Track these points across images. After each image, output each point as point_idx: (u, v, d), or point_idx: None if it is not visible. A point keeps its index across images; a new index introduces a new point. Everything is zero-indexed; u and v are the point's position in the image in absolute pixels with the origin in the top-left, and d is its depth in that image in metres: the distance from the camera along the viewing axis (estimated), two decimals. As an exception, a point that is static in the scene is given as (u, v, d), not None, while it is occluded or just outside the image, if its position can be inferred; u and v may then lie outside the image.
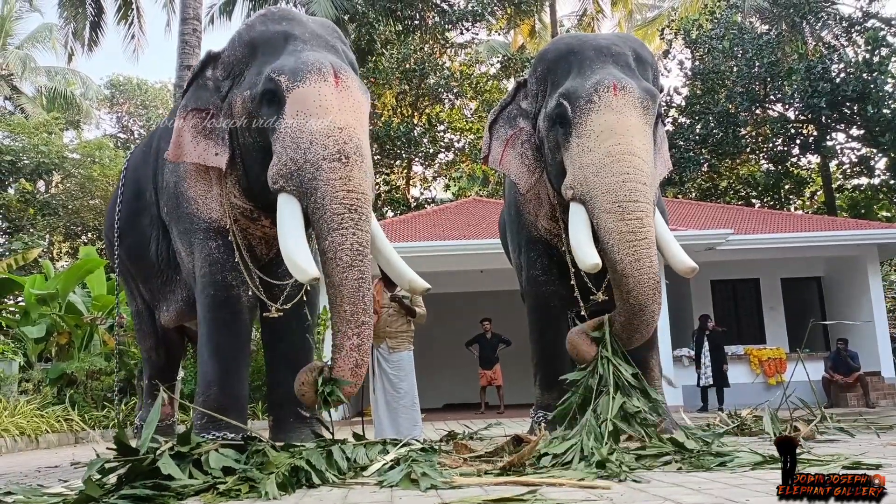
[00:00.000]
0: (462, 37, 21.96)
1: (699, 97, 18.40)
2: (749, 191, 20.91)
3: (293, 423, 4.83)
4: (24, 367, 10.17)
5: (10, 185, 18.14)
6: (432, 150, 20.99)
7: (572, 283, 5.35)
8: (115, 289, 6.10)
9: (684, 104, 18.98)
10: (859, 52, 17.13)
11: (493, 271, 11.65)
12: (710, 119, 17.88)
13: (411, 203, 20.78)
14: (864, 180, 19.62)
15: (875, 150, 17.74)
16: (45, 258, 16.18)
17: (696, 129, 18.14)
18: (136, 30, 17.37)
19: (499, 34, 24.02)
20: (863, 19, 17.79)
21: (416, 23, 20.73)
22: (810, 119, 17.92)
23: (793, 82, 16.80)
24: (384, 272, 6.13)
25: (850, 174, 19.77)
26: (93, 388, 9.97)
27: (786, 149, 19.20)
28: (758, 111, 18.84)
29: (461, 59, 22.82)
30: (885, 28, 17.35)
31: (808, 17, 17.95)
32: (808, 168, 20.59)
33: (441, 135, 21.67)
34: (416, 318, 6.27)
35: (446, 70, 20.70)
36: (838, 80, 16.32)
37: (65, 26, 17.93)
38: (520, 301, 6.50)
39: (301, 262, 3.96)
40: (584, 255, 4.70)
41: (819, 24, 18.54)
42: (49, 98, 23.03)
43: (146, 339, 6.21)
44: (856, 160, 18.79)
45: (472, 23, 20.47)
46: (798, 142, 18.93)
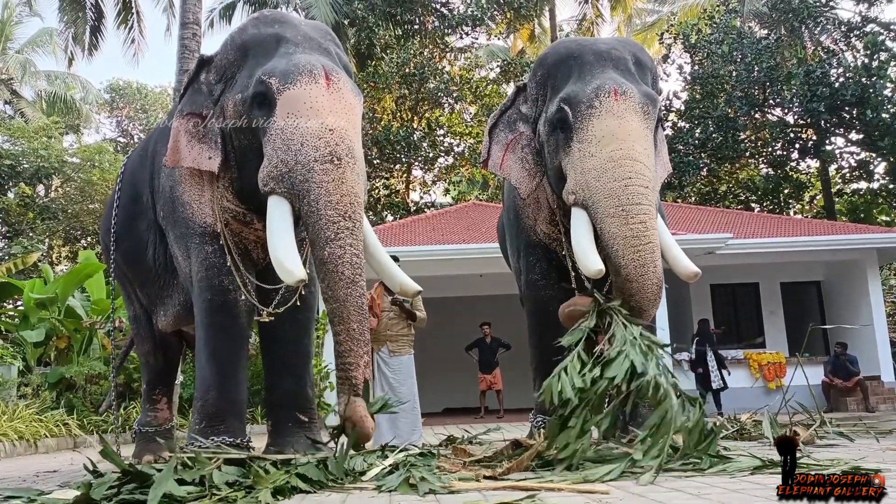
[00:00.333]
0: (462, 41, 22.02)
1: (698, 101, 18.42)
2: (748, 195, 20.91)
3: (292, 427, 4.81)
4: (23, 371, 10.15)
5: (9, 190, 18.15)
6: (432, 155, 21.01)
7: (573, 286, 5.36)
8: (112, 293, 6.09)
9: (683, 108, 19.00)
10: (858, 57, 17.16)
11: (492, 275, 11.65)
12: (710, 123, 17.90)
13: (411, 207, 20.80)
14: (863, 184, 19.64)
15: (874, 155, 17.77)
16: (45, 262, 16.17)
17: (696, 134, 18.15)
18: (136, 34, 17.39)
19: (498, 39, 24.07)
20: (862, 24, 17.83)
21: (416, 27, 20.78)
22: (809, 123, 17.95)
23: (792, 87, 16.82)
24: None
25: (849, 178, 19.79)
26: (92, 393, 9.96)
27: (785, 153, 19.22)
28: (757, 115, 18.86)
29: (461, 64, 22.85)
30: (884, 33, 17.39)
31: (807, 21, 17.99)
32: (807, 172, 20.61)
33: (441, 139, 21.69)
34: (416, 321, 6.26)
35: (446, 74, 20.72)
36: (837, 84, 16.34)
37: (65, 30, 17.96)
38: (519, 305, 6.49)
39: (288, 264, 3.95)
40: (588, 261, 4.70)
41: (818, 28, 18.58)
42: (49, 102, 23.04)
43: (144, 343, 6.19)
44: (855, 164, 18.82)
45: (471, 27, 20.52)
46: (797, 146, 18.95)
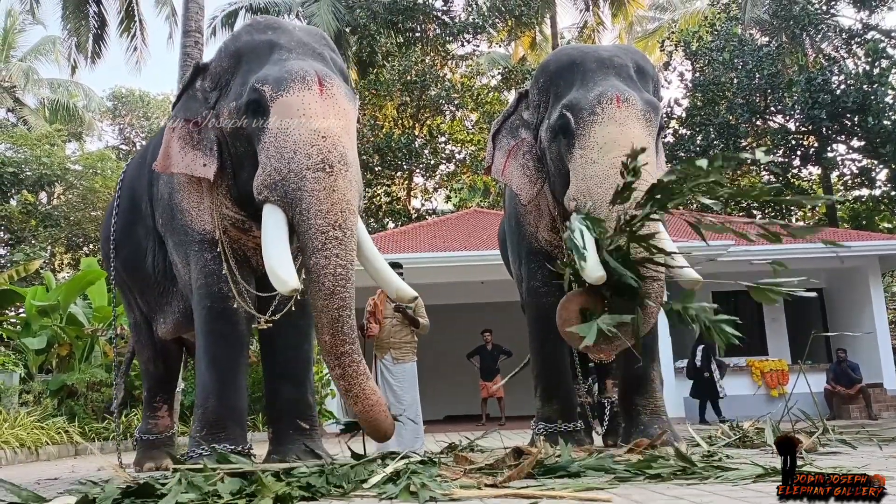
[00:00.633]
0: (463, 49, 22.05)
1: (699, 109, 18.42)
2: (750, 202, 20.87)
3: (293, 435, 4.81)
4: (24, 378, 10.15)
5: (12, 197, 18.18)
6: (433, 162, 21.03)
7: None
8: (112, 301, 6.09)
9: (685, 116, 19.01)
10: (859, 64, 17.16)
11: (493, 282, 11.64)
12: (711, 130, 17.89)
13: (412, 214, 20.80)
14: (865, 191, 19.62)
15: (876, 162, 17.75)
16: (47, 269, 16.19)
17: (697, 141, 18.14)
18: (139, 42, 17.42)
19: (500, 46, 24.11)
20: (863, 31, 17.85)
21: (418, 35, 20.83)
22: (811, 130, 17.95)
23: (793, 94, 16.83)
24: None
25: (851, 185, 19.77)
26: (93, 400, 9.95)
27: (787, 160, 19.20)
28: (758, 123, 18.86)
29: (462, 71, 22.89)
30: (885, 40, 17.39)
31: (809, 28, 18.00)
32: (809, 179, 20.59)
33: (442, 146, 21.71)
34: (419, 328, 6.24)
35: (447, 82, 20.76)
36: (839, 91, 16.35)
37: (68, 38, 17.98)
38: (520, 312, 6.49)
39: (282, 274, 3.92)
40: (590, 267, 4.72)
41: (819, 35, 18.58)
42: (52, 110, 23.11)
43: (144, 350, 6.20)
44: (857, 171, 18.79)
45: (472, 35, 20.56)
46: (799, 153, 18.94)
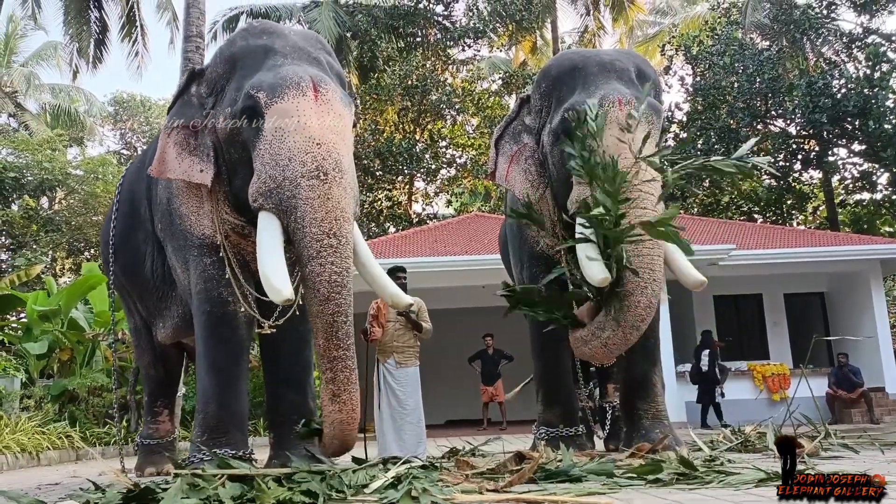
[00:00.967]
0: (464, 53, 22.06)
1: (700, 113, 18.43)
2: (751, 206, 20.89)
3: (294, 440, 4.80)
4: (25, 383, 10.15)
5: (13, 202, 18.20)
6: (434, 166, 21.04)
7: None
8: (111, 305, 6.09)
9: (685, 120, 19.01)
10: (860, 68, 17.16)
11: (495, 287, 11.60)
12: (712, 134, 17.89)
13: (413, 219, 20.81)
14: (866, 195, 19.61)
15: (877, 166, 17.74)
16: (48, 274, 16.18)
17: (698, 145, 18.15)
18: (140, 47, 17.45)
19: (500, 51, 24.14)
20: (863, 35, 17.86)
21: (418, 40, 20.84)
22: (812, 134, 17.94)
23: (794, 98, 16.82)
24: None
25: (852, 189, 19.77)
26: (94, 405, 9.95)
27: (788, 164, 19.19)
28: (759, 127, 18.85)
29: (463, 76, 22.92)
30: (886, 44, 17.40)
31: (809, 33, 18.01)
32: (810, 183, 20.59)
33: (443, 151, 21.73)
34: (422, 332, 6.22)
35: (448, 86, 20.79)
36: (839, 95, 16.34)
37: (69, 44, 18.00)
38: (522, 317, 6.48)
39: (276, 283, 3.91)
40: (593, 269, 4.73)
41: (820, 39, 18.60)
42: (53, 115, 23.13)
43: (144, 355, 6.20)
44: (858, 175, 18.79)
45: (473, 40, 20.57)
46: (800, 157, 18.94)
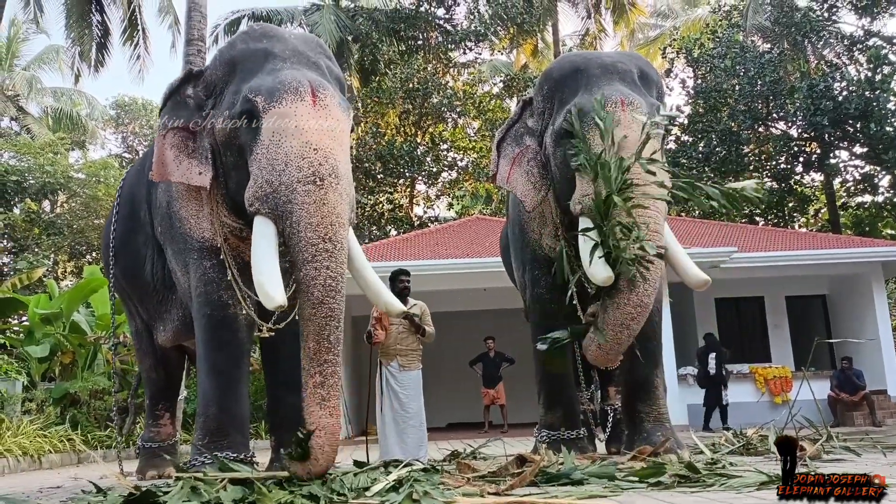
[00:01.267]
0: (465, 56, 22.07)
1: (702, 115, 18.44)
2: (752, 209, 20.88)
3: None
4: (27, 386, 10.15)
5: (15, 205, 18.22)
6: (435, 169, 21.05)
7: (574, 301, 5.35)
8: (111, 309, 6.10)
9: (687, 122, 19.02)
10: (861, 71, 17.17)
11: (496, 290, 11.63)
12: (713, 137, 17.90)
13: (414, 222, 20.82)
14: (867, 198, 19.61)
15: (878, 168, 17.73)
16: (50, 277, 16.20)
17: (699, 148, 18.16)
18: (142, 51, 17.49)
19: (501, 54, 24.13)
20: (864, 38, 17.86)
21: (420, 43, 20.87)
22: (813, 137, 17.94)
23: (795, 100, 16.83)
24: (392, 289, 6.11)
25: (853, 192, 19.76)
26: (96, 408, 9.95)
27: (789, 166, 19.19)
28: (760, 129, 18.86)
29: (464, 79, 22.93)
30: (887, 46, 17.41)
31: (810, 35, 18.02)
32: (811, 186, 20.58)
33: (444, 154, 21.74)
34: (425, 336, 6.21)
35: (449, 89, 20.80)
36: (841, 97, 16.35)
37: (71, 47, 18.04)
38: (523, 319, 6.49)
39: (269, 289, 3.89)
40: (597, 269, 4.75)
41: (821, 42, 18.61)
42: (55, 118, 23.17)
43: (145, 358, 6.20)
44: (859, 178, 18.78)
45: (474, 43, 20.59)
46: (801, 159, 18.93)
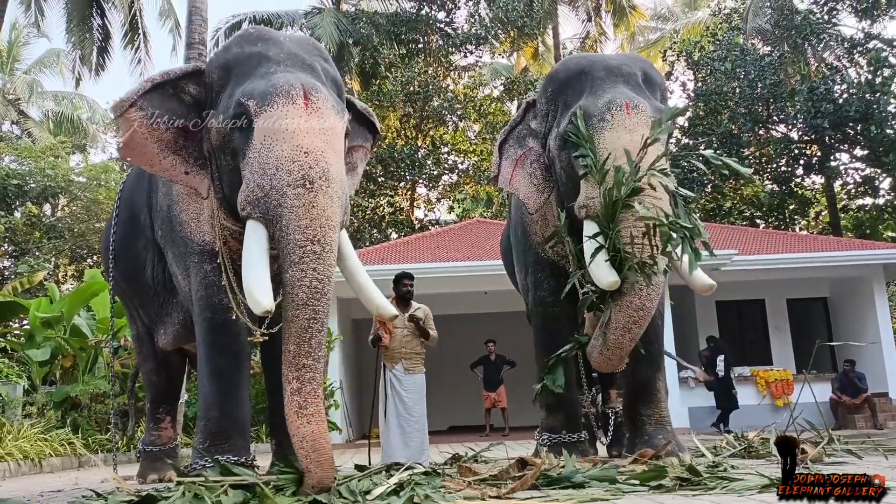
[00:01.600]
0: (465, 60, 22.09)
1: (702, 118, 18.44)
2: (753, 211, 20.87)
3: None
4: (28, 390, 10.14)
5: (16, 209, 18.22)
6: (436, 172, 21.06)
7: (578, 304, 5.34)
8: (111, 312, 6.09)
9: (687, 125, 19.02)
10: (862, 73, 17.17)
11: (496, 293, 11.63)
12: (714, 140, 17.90)
13: (415, 225, 20.82)
14: (868, 200, 19.61)
15: (879, 171, 17.73)
16: (51, 281, 16.21)
17: (700, 150, 18.15)
18: (143, 54, 17.53)
19: (502, 57, 24.16)
20: (865, 40, 17.86)
21: (420, 46, 20.88)
22: (814, 139, 17.94)
23: (796, 103, 16.83)
24: (396, 292, 6.11)
25: (854, 194, 19.76)
26: (97, 412, 9.94)
27: (790, 169, 19.19)
28: (761, 132, 18.86)
29: (465, 82, 22.94)
30: (887, 49, 17.41)
31: (810, 38, 18.02)
32: (812, 188, 20.58)
33: (445, 157, 21.74)
34: (428, 340, 6.20)
35: (450, 93, 20.81)
36: (841, 100, 16.35)
37: (72, 51, 18.07)
38: (524, 322, 6.49)
39: (255, 293, 3.87)
40: (602, 273, 4.74)
41: (821, 45, 18.59)
42: (56, 122, 23.20)
43: (146, 362, 6.20)
44: (860, 180, 18.78)
45: (475, 46, 20.61)
46: (802, 162, 18.94)
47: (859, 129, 16.62)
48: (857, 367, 12.15)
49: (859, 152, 18.00)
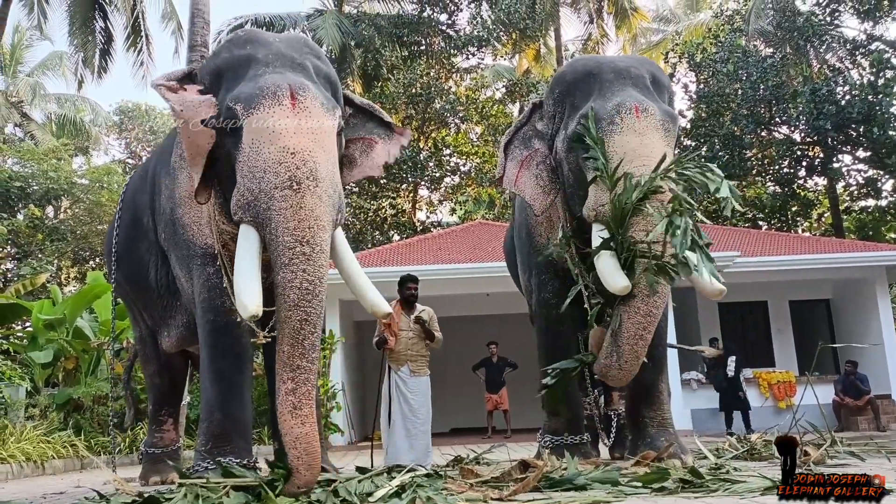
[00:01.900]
0: (467, 62, 22.12)
1: (704, 120, 18.43)
2: (756, 213, 20.86)
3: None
4: (30, 392, 10.16)
5: (19, 211, 18.26)
6: (438, 174, 21.06)
7: (584, 305, 5.33)
8: (112, 314, 6.10)
9: (689, 127, 19.01)
10: (864, 75, 17.16)
11: (499, 294, 11.63)
12: (716, 142, 17.90)
13: (417, 227, 20.82)
14: (871, 202, 19.59)
15: (882, 172, 17.72)
16: (53, 283, 16.23)
17: (702, 152, 18.14)
18: (145, 56, 17.57)
19: (504, 59, 24.18)
20: (867, 42, 17.85)
21: (422, 48, 20.90)
22: (816, 141, 17.93)
23: (798, 105, 16.82)
24: (400, 294, 6.12)
25: (857, 196, 19.74)
26: (99, 414, 9.95)
27: (792, 171, 19.18)
28: (763, 134, 18.85)
29: (467, 84, 22.96)
30: (890, 51, 17.40)
31: (813, 40, 18.01)
32: (814, 190, 20.56)
33: (447, 159, 21.75)
34: (433, 341, 6.20)
35: (452, 95, 20.81)
36: (843, 102, 16.33)
37: (75, 54, 18.12)
38: (526, 324, 6.49)
39: (242, 297, 3.86)
40: (614, 277, 4.74)
41: (823, 46, 18.59)
42: (58, 124, 23.23)
43: (149, 364, 6.21)
44: (863, 182, 18.77)
45: (477, 48, 20.63)
46: (804, 164, 18.93)
47: (862, 130, 16.61)
48: (861, 369, 12.13)
49: (862, 154, 17.99)
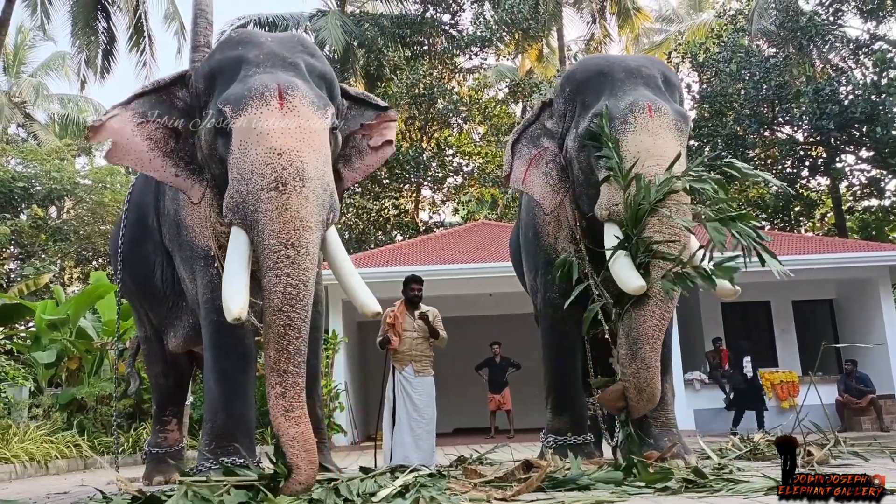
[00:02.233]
0: (470, 62, 22.12)
1: (707, 120, 18.41)
2: (759, 213, 20.84)
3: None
4: (34, 392, 10.17)
5: (22, 212, 18.29)
6: (441, 174, 21.05)
7: (592, 304, 5.32)
8: (117, 315, 6.12)
9: (692, 127, 18.98)
10: (867, 74, 17.14)
11: (502, 295, 11.64)
12: (719, 142, 17.87)
13: (420, 227, 20.82)
14: (874, 202, 19.56)
15: (885, 172, 17.70)
16: (57, 283, 16.25)
17: (705, 152, 18.13)
18: (148, 57, 17.62)
19: (507, 59, 24.18)
20: (870, 41, 17.82)
21: (425, 49, 20.92)
22: (819, 141, 17.90)
23: (801, 104, 16.80)
24: (405, 295, 6.12)
25: (860, 196, 19.70)
26: (102, 414, 9.97)
27: (795, 171, 19.15)
28: (766, 133, 18.82)
29: (470, 84, 22.96)
30: (893, 50, 17.36)
31: (816, 39, 17.99)
32: (817, 190, 20.53)
33: (450, 159, 21.74)
34: (438, 340, 6.20)
35: (455, 95, 20.80)
36: (847, 102, 16.31)
37: (77, 54, 18.17)
38: (530, 324, 6.48)
39: (227, 300, 3.85)
40: (628, 277, 4.75)
41: (826, 46, 18.56)
42: (61, 125, 23.29)
43: (154, 364, 6.22)
44: (866, 182, 18.74)
45: (480, 48, 20.63)
46: (807, 164, 18.90)
47: (865, 130, 16.59)
48: (864, 369, 12.11)
49: (865, 154, 17.96)
